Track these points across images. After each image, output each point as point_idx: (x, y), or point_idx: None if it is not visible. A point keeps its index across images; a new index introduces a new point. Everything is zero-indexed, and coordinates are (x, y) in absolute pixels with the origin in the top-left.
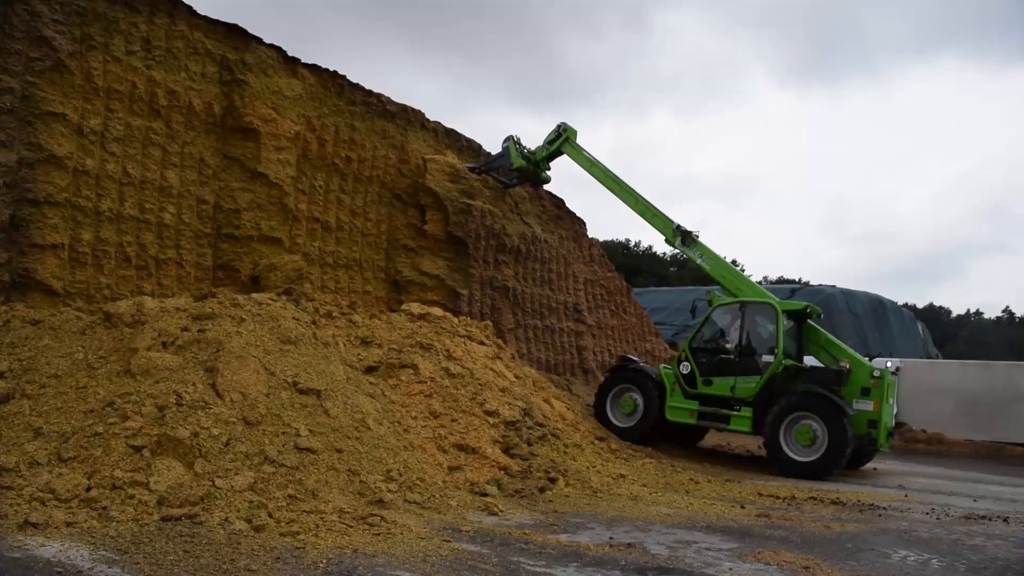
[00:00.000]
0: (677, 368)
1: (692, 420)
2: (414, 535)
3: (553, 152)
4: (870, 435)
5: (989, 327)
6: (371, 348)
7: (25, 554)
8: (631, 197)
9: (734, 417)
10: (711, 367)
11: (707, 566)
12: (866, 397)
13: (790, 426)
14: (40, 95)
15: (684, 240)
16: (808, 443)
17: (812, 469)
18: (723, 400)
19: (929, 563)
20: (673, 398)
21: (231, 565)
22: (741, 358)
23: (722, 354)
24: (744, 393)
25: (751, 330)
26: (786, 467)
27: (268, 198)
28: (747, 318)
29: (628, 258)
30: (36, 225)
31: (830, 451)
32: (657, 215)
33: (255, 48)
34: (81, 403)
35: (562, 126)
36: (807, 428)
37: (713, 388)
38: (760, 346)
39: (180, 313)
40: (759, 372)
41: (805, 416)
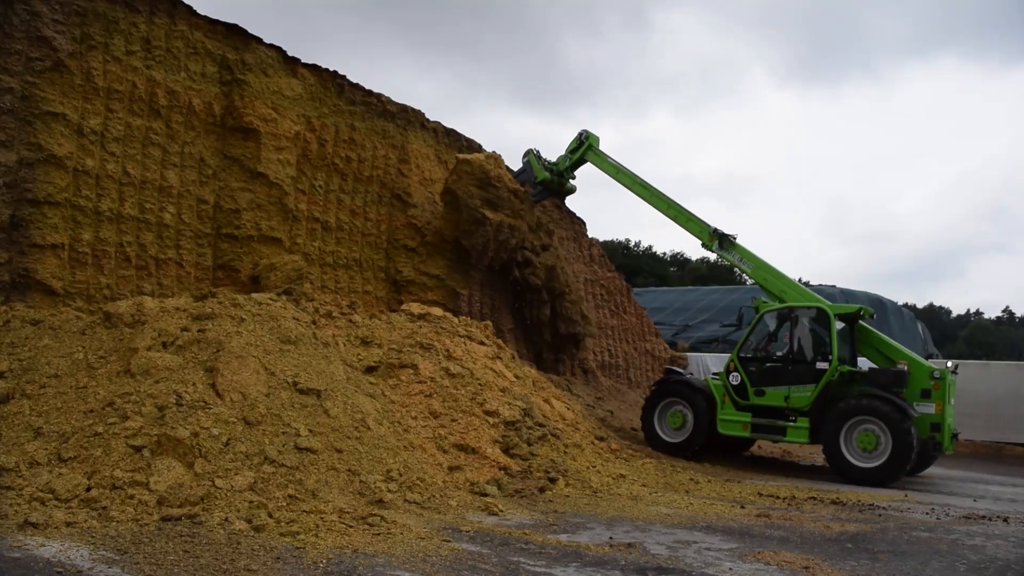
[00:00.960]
0: (726, 379)
1: (746, 433)
2: (414, 535)
3: (576, 161)
4: (934, 439)
5: (989, 327)
6: (371, 348)
7: (25, 554)
8: (662, 202)
9: (790, 428)
10: (762, 377)
11: (707, 566)
12: (927, 399)
13: (850, 431)
14: (40, 95)
15: (722, 244)
16: (870, 449)
17: (875, 476)
18: (777, 411)
19: (929, 563)
20: (724, 410)
21: (231, 565)
22: (794, 366)
23: (773, 363)
24: (799, 402)
25: (802, 336)
26: (848, 474)
27: (268, 198)
28: (797, 324)
29: (628, 258)
30: (36, 225)
31: (894, 456)
32: (691, 219)
33: (255, 48)
34: (81, 403)
35: (583, 133)
36: (869, 433)
37: (766, 399)
38: (813, 352)
39: (180, 313)
40: (814, 380)
41: (866, 420)
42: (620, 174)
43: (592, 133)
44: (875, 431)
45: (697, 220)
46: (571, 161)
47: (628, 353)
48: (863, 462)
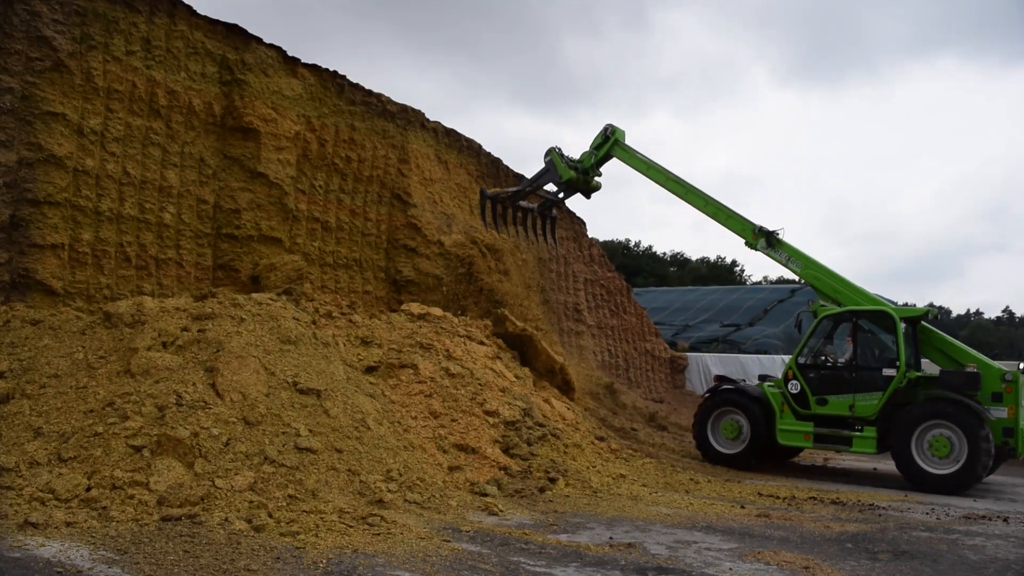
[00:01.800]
0: (785, 387)
1: (808, 444)
2: (414, 535)
3: (602, 157)
4: (1007, 444)
5: (989, 327)
6: (371, 348)
7: (25, 554)
8: (699, 199)
9: (856, 438)
10: (824, 384)
11: (707, 566)
12: (998, 403)
13: (921, 437)
14: (40, 95)
15: (769, 241)
16: (944, 455)
17: (949, 483)
18: (841, 420)
19: (929, 563)
20: (784, 420)
21: (231, 565)
22: (858, 373)
23: (835, 370)
24: (865, 411)
25: (865, 341)
26: (921, 482)
27: (268, 198)
28: (860, 328)
29: (628, 258)
30: (36, 225)
31: (970, 463)
32: (732, 216)
33: (255, 48)
34: (81, 403)
35: (609, 128)
36: (942, 438)
37: (828, 407)
38: (878, 358)
39: (180, 313)
40: (880, 387)
41: (939, 425)
42: (651, 170)
43: (618, 127)
44: (949, 436)
45: (738, 217)
46: (596, 158)
47: (628, 353)
48: (936, 469)
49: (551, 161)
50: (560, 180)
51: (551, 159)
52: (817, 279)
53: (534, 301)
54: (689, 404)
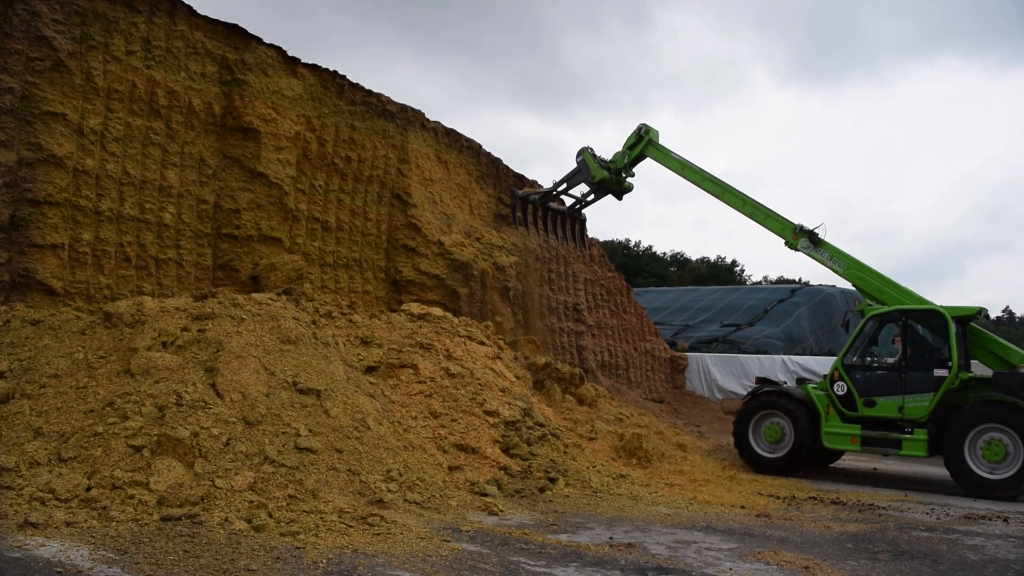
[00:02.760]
0: (831, 388)
1: (855, 447)
2: (414, 535)
3: (636, 157)
4: None
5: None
6: (371, 348)
7: (25, 554)
8: (737, 199)
9: (906, 440)
10: (871, 386)
11: (707, 566)
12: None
13: (975, 440)
14: (40, 95)
15: (812, 240)
16: (999, 459)
17: (1004, 488)
18: (890, 422)
19: (928, 563)
20: (829, 423)
21: (231, 565)
22: (908, 374)
23: (883, 371)
24: (916, 413)
25: (916, 341)
26: (974, 487)
27: (268, 198)
28: (909, 328)
29: (628, 258)
30: (36, 225)
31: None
32: (771, 216)
33: (255, 48)
34: (81, 403)
35: (643, 127)
36: (997, 442)
37: (877, 410)
38: (929, 359)
39: (180, 313)
40: (931, 388)
41: (993, 428)
42: (687, 170)
43: (652, 127)
44: (1003, 440)
45: (777, 217)
46: (630, 157)
47: (628, 353)
48: (991, 474)
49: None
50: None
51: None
52: (861, 279)
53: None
54: (689, 404)
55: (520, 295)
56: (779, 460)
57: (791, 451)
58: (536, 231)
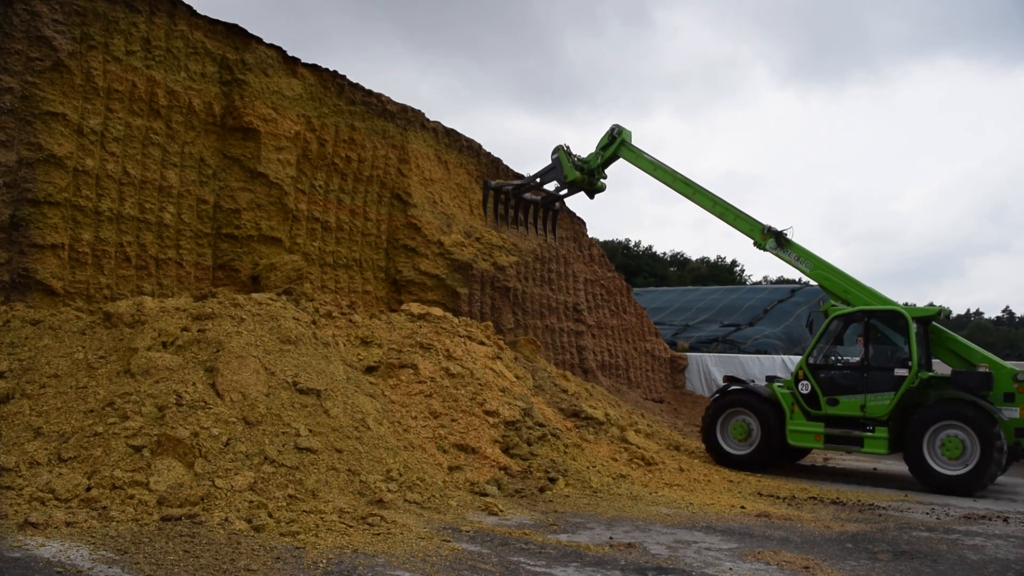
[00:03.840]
0: (796, 387)
1: (819, 444)
2: (414, 535)
3: (609, 158)
4: (1019, 444)
5: (989, 327)
6: (371, 348)
7: (25, 554)
8: (707, 199)
9: (868, 439)
10: (835, 385)
11: (707, 566)
12: (1010, 403)
13: (933, 437)
14: (40, 95)
15: (778, 241)
16: (956, 455)
17: (962, 483)
18: (853, 420)
19: (929, 563)
20: (794, 421)
21: (231, 565)
22: (869, 373)
23: (846, 370)
24: (877, 412)
25: (877, 341)
26: (933, 483)
27: (268, 198)
28: (871, 328)
29: (628, 258)
30: (36, 225)
31: (982, 463)
32: (740, 216)
33: (255, 48)
34: (81, 403)
35: (615, 128)
36: (954, 439)
37: (840, 408)
38: (890, 358)
39: (180, 313)
40: (892, 387)
41: (951, 426)
42: (658, 171)
43: (624, 128)
44: (961, 437)
45: (746, 217)
46: (603, 158)
47: (628, 353)
48: (948, 469)
49: (558, 159)
50: (565, 180)
51: (558, 157)
52: (827, 279)
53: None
54: (689, 404)
55: (520, 295)
56: (746, 457)
57: (758, 448)
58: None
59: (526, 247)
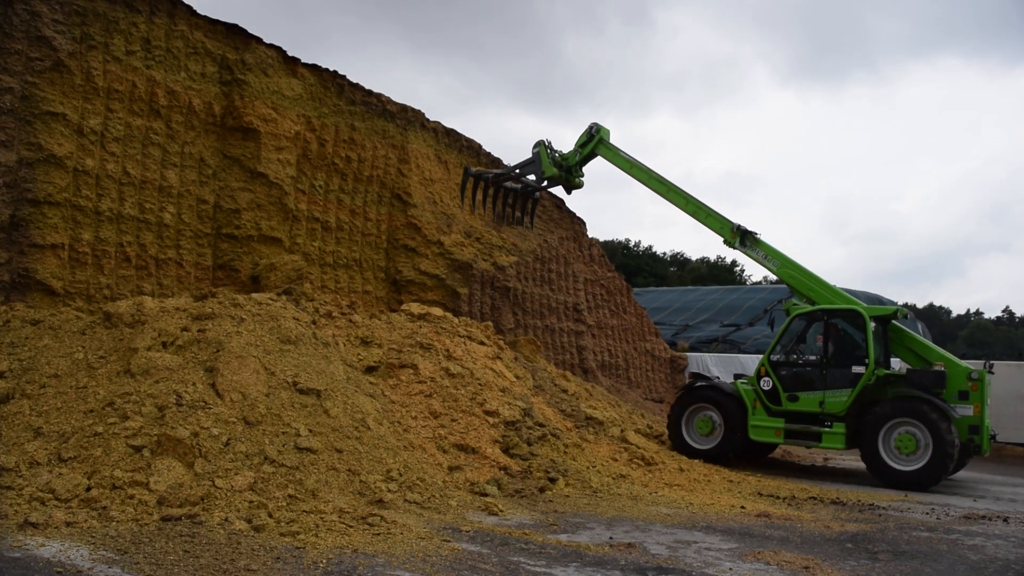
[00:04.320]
0: (757, 384)
1: (779, 439)
2: (414, 535)
3: (587, 155)
4: (972, 441)
5: (989, 327)
6: (371, 348)
7: (25, 554)
8: (680, 198)
9: (826, 434)
10: (795, 381)
11: (707, 566)
12: (965, 400)
13: (889, 434)
14: (40, 95)
15: (744, 240)
16: (910, 452)
17: (916, 479)
18: (812, 416)
19: (929, 563)
20: (756, 416)
21: (231, 565)
22: (828, 370)
23: (806, 367)
24: (835, 407)
25: (836, 339)
26: (888, 478)
27: (268, 198)
28: (831, 327)
29: (628, 258)
30: (36, 225)
31: (935, 459)
32: (712, 215)
33: (255, 48)
34: (81, 403)
35: (594, 127)
36: (908, 436)
37: (799, 404)
38: (848, 356)
39: (180, 313)
40: (850, 384)
41: (906, 423)
42: (635, 169)
43: (603, 126)
44: (915, 433)
45: (718, 216)
46: (581, 155)
47: (628, 353)
48: (903, 465)
49: (538, 154)
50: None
51: (538, 152)
52: (793, 277)
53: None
54: None
55: (520, 295)
56: (710, 451)
57: (721, 443)
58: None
59: (526, 247)
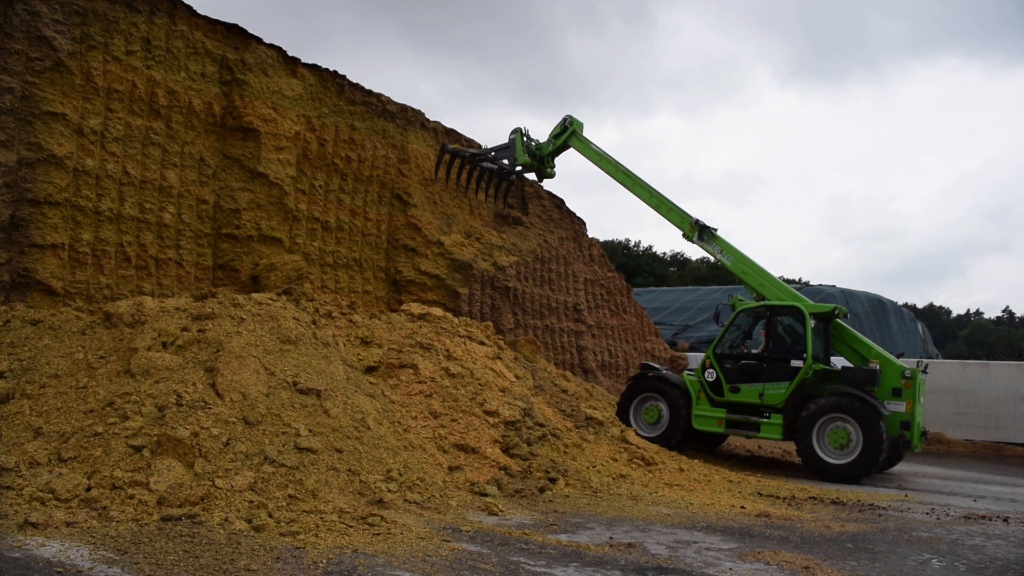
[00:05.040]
0: (702, 375)
1: (720, 428)
2: (414, 535)
3: (560, 147)
4: (903, 436)
5: (989, 327)
6: (371, 348)
7: (25, 554)
8: (644, 191)
9: (764, 424)
10: (737, 373)
11: (707, 566)
12: (898, 398)
13: (823, 428)
14: (40, 95)
15: (702, 235)
16: (842, 446)
17: (847, 472)
18: (752, 407)
19: (929, 563)
20: (699, 406)
21: (231, 565)
22: (768, 363)
23: (748, 360)
24: (773, 399)
25: (777, 334)
26: (820, 471)
27: (268, 198)
28: (773, 322)
29: (628, 258)
30: (36, 225)
31: (865, 453)
32: (673, 209)
33: (255, 48)
34: (81, 403)
35: (568, 119)
36: (841, 430)
37: (741, 395)
38: (788, 350)
39: (180, 313)
40: (788, 377)
41: (838, 418)
42: (603, 161)
43: (576, 119)
44: (847, 428)
45: (678, 210)
46: (554, 146)
47: (628, 353)
48: (834, 459)
49: (513, 141)
50: (515, 162)
51: (514, 139)
52: (745, 273)
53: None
54: None
55: (520, 295)
56: (655, 439)
57: (666, 431)
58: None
59: (526, 247)
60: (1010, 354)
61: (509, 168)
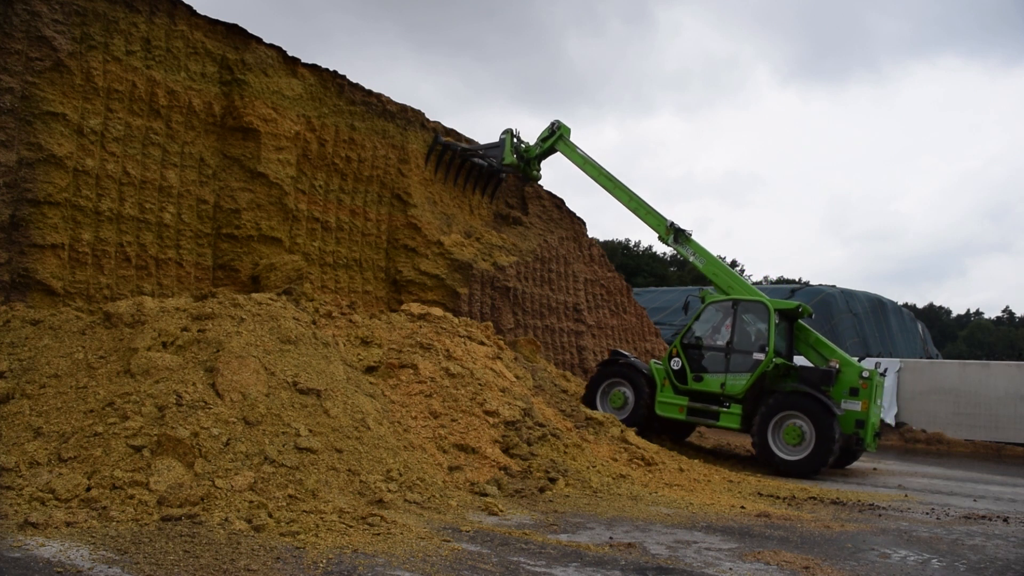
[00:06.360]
0: (668, 363)
1: (681, 416)
2: (414, 535)
3: (547, 150)
4: (857, 435)
5: (989, 327)
6: (371, 348)
7: (25, 554)
8: (624, 194)
9: (723, 414)
10: (702, 363)
11: (707, 566)
12: (855, 397)
13: (778, 425)
14: (40, 95)
15: (676, 237)
16: (796, 442)
17: (799, 468)
18: (713, 396)
19: (929, 563)
20: (663, 393)
21: (231, 565)
22: (732, 355)
23: (713, 351)
24: (734, 390)
25: (742, 328)
26: (774, 465)
27: (268, 198)
28: (739, 316)
29: (628, 258)
30: (36, 225)
31: (817, 450)
32: (650, 212)
33: (255, 48)
34: (81, 403)
35: (556, 124)
36: (795, 427)
37: (703, 384)
38: (751, 344)
39: (180, 313)
40: (749, 369)
41: (793, 415)
42: (587, 165)
43: (564, 124)
44: (801, 426)
45: (656, 213)
46: (542, 149)
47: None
48: (788, 455)
49: (503, 141)
50: (502, 162)
51: (504, 139)
52: (716, 274)
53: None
54: None
55: (520, 295)
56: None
57: (630, 415)
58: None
59: (526, 247)
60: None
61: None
